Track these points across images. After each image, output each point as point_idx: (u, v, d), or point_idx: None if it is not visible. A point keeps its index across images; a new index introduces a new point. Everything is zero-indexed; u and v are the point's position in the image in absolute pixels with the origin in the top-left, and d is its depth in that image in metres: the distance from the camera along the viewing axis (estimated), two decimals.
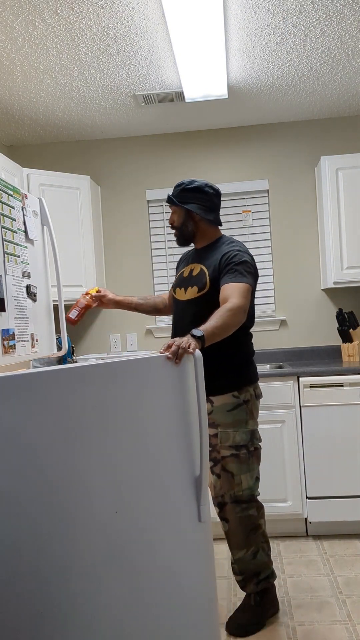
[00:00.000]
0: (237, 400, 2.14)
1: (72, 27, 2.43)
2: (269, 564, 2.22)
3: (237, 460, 2.13)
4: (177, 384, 1.55)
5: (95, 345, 3.82)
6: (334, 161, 3.35)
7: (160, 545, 1.45)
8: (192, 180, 2.22)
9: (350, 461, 2.98)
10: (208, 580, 1.62)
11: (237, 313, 1.93)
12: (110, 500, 1.34)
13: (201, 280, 2.17)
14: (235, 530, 2.16)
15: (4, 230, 2.10)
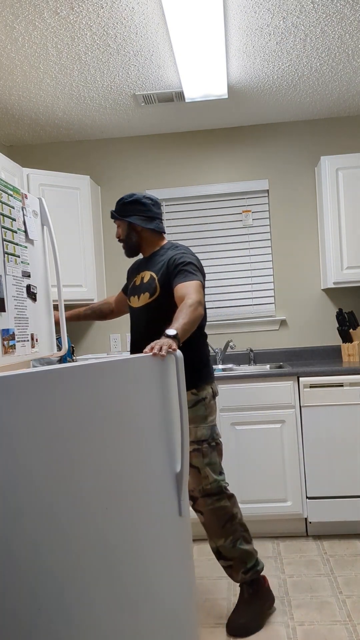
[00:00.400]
0: (196, 397, 2.24)
1: (72, 27, 2.43)
2: (252, 553, 2.27)
3: (200, 454, 2.22)
4: (160, 383, 1.61)
5: (95, 345, 3.82)
6: (334, 161, 3.35)
7: (144, 538, 1.50)
8: (132, 194, 2.34)
9: (350, 461, 2.98)
10: (188, 571, 1.69)
11: (197, 307, 2.04)
12: (101, 496, 1.38)
13: (151, 286, 2.27)
14: (211, 521, 2.23)
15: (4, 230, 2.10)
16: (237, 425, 3.06)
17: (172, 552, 1.61)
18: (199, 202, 3.78)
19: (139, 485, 1.49)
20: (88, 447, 1.35)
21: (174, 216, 3.80)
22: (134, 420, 1.49)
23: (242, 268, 3.76)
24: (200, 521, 2.26)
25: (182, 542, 1.67)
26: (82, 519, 1.32)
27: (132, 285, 2.42)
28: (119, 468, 1.42)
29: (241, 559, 2.23)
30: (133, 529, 1.45)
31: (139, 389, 1.52)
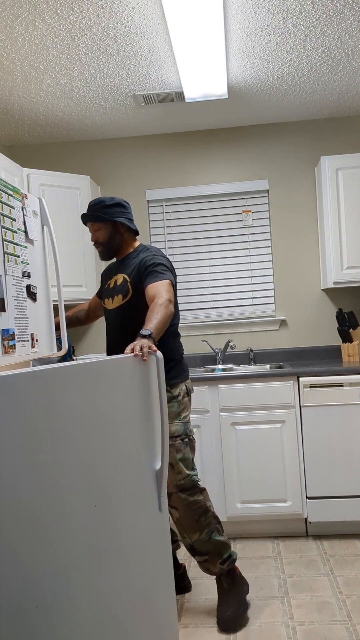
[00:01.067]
0: (169, 395, 2.29)
1: (72, 27, 2.43)
2: (227, 543, 2.31)
3: (174, 449, 2.26)
4: (141, 383, 1.66)
5: (95, 345, 3.82)
6: (334, 161, 3.35)
7: (131, 535, 1.55)
8: (110, 197, 2.37)
9: (350, 461, 2.98)
10: (166, 564, 1.75)
11: (167, 305, 2.08)
12: (90, 494, 1.40)
13: (124, 288, 2.32)
14: (185, 515, 2.26)
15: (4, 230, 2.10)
16: (237, 425, 3.06)
17: (152, 546, 1.67)
18: (199, 202, 3.78)
19: (120, 482, 1.53)
20: (70, 444, 1.37)
21: (174, 216, 3.80)
22: (116, 419, 1.53)
23: (242, 268, 3.76)
24: (174, 518, 2.30)
25: (162, 536, 1.73)
26: (67, 516, 1.34)
27: (107, 288, 2.47)
28: (101, 465, 1.46)
29: (217, 550, 2.28)
30: (115, 524, 1.49)
31: (120, 389, 1.56)
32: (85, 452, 1.40)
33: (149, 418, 1.69)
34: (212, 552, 2.28)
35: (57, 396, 1.34)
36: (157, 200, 3.81)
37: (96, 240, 2.40)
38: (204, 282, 3.78)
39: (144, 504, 1.63)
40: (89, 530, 1.38)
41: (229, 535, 3.13)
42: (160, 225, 3.81)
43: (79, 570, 1.34)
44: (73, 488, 1.35)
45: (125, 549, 1.52)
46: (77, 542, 1.34)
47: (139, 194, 3.81)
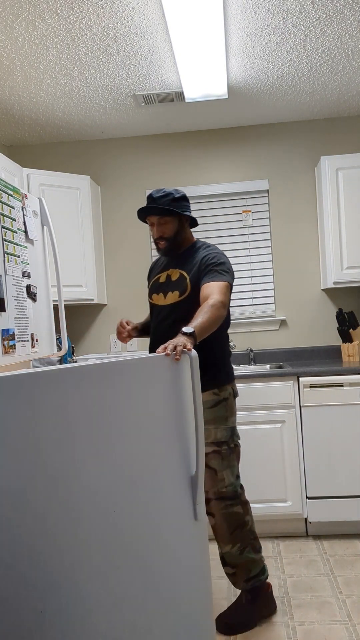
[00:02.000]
0: (217, 398, 2.19)
1: (72, 27, 2.43)
2: (259, 561, 2.24)
3: (219, 456, 2.18)
4: (173, 383, 1.56)
5: (95, 346, 3.82)
6: (334, 161, 3.35)
7: (157, 543, 1.46)
8: (174, 189, 2.26)
9: (350, 461, 2.98)
10: (203, 578, 1.64)
11: (220, 307, 1.99)
12: (109, 499, 1.35)
13: (182, 285, 2.22)
14: (221, 525, 2.20)
15: (4, 230, 2.10)
16: (237, 425, 3.06)
17: (187, 557, 1.56)
18: (199, 202, 3.78)
19: (150, 488, 1.45)
20: (96, 447, 1.32)
21: None
22: (145, 421, 1.45)
23: (242, 268, 3.76)
24: (210, 524, 2.23)
25: (198, 547, 1.62)
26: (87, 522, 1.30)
27: (156, 283, 2.34)
28: (129, 469, 1.40)
29: (246, 567, 2.21)
30: (144, 532, 1.42)
31: (151, 390, 1.48)
32: (103, 454, 1.34)
33: (183, 421, 1.58)
34: (240, 567, 2.21)
35: (76, 395, 1.30)
36: None
37: (161, 235, 2.24)
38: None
39: (176, 512, 1.53)
40: (105, 536, 1.33)
41: None
42: None
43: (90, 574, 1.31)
44: (87, 492, 1.30)
45: (152, 557, 1.44)
46: (90, 548, 1.30)
47: (139, 194, 3.81)
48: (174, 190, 2.24)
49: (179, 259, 2.30)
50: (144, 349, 3.80)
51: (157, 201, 2.21)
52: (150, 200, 2.24)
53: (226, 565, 2.23)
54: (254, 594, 2.24)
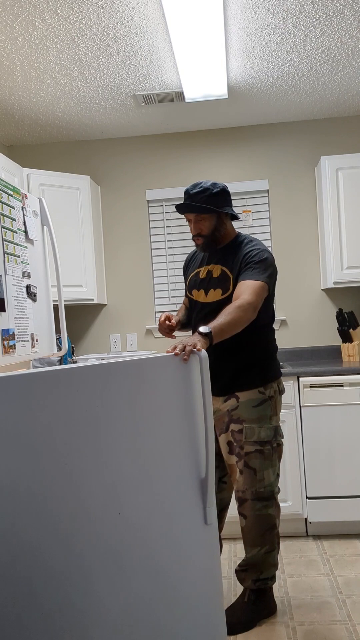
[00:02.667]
0: (262, 396, 2.15)
1: (72, 27, 2.43)
2: (274, 566, 2.23)
3: (261, 456, 2.14)
4: (182, 384, 1.53)
5: (95, 345, 3.82)
6: (334, 161, 3.35)
7: (164, 547, 1.44)
8: (212, 182, 2.15)
9: (350, 461, 2.98)
10: (214, 583, 1.60)
11: (247, 310, 1.93)
12: (113, 501, 1.33)
13: (225, 283, 2.15)
14: (252, 527, 2.17)
15: (4, 230, 2.10)
16: None
17: (197, 562, 1.54)
18: None
19: (157, 490, 1.43)
20: (99, 448, 1.31)
21: (174, 216, 3.79)
22: (152, 422, 1.43)
23: None
24: (240, 525, 2.21)
25: (209, 551, 1.59)
26: (89, 524, 1.29)
27: (195, 277, 2.27)
28: (135, 471, 1.38)
29: (260, 568, 2.20)
30: (151, 534, 1.40)
31: (159, 390, 1.46)
32: (107, 455, 1.33)
33: (192, 423, 1.56)
34: (254, 567, 2.20)
35: (79, 396, 1.29)
36: (157, 200, 3.81)
37: (199, 232, 2.16)
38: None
39: (186, 516, 1.51)
40: (109, 538, 1.32)
41: (229, 535, 3.13)
42: (160, 225, 3.81)
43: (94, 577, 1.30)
44: (90, 493, 1.29)
45: (159, 560, 1.42)
46: (93, 550, 1.29)
47: (139, 194, 3.81)
48: (212, 184, 2.14)
49: (220, 254, 2.22)
50: (144, 348, 3.80)
51: (194, 198, 2.12)
52: (186, 196, 2.15)
53: (242, 564, 2.22)
54: (258, 594, 2.24)
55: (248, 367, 2.17)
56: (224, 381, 2.19)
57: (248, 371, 2.16)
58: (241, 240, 2.21)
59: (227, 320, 1.88)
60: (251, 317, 1.95)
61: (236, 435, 2.16)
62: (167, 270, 3.80)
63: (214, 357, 2.17)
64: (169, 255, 3.80)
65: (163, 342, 3.77)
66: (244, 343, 2.16)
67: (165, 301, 3.80)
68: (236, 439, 2.16)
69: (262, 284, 2.04)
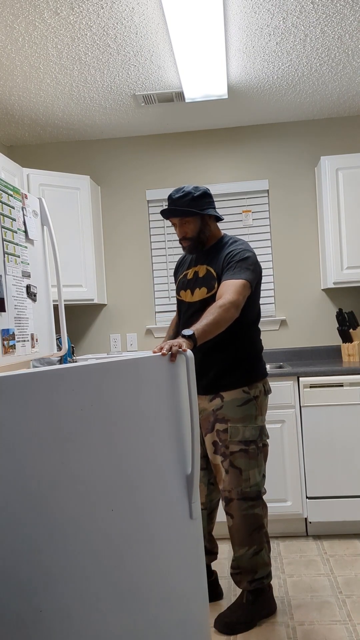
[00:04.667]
0: (247, 396, 2.17)
1: (72, 27, 2.43)
2: (267, 564, 2.23)
3: (246, 455, 2.16)
4: (169, 383, 1.59)
5: (95, 345, 3.82)
6: (334, 161, 3.35)
7: (153, 542, 1.48)
8: (193, 186, 2.21)
9: (350, 461, 2.98)
10: (199, 577, 1.65)
11: (229, 309, 1.96)
12: (107, 498, 1.36)
13: (209, 282, 2.20)
14: (239, 527, 2.18)
15: (4, 230, 2.10)
16: None
17: (183, 555, 1.58)
18: None
19: (146, 487, 1.47)
20: (90, 447, 1.34)
21: None
22: (141, 420, 1.47)
23: None
24: (228, 525, 2.22)
25: (194, 545, 1.64)
26: (84, 521, 1.31)
27: (183, 279, 2.33)
28: (126, 468, 1.41)
29: (253, 569, 2.20)
30: (140, 531, 1.43)
31: (147, 389, 1.50)
32: (100, 454, 1.36)
33: (179, 421, 1.61)
34: (247, 569, 2.20)
35: (73, 395, 1.31)
36: (157, 200, 3.81)
37: (184, 235, 2.23)
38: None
39: (171, 511, 1.55)
40: (102, 536, 1.34)
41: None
42: (160, 225, 3.81)
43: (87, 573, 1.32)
44: (84, 491, 1.31)
45: (147, 556, 1.46)
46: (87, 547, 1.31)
47: (139, 194, 3.81)
48: (194, 188, 2.20)
49: (205, 255, 2.28)
50: (144, 348, 3.80)
51: (177, 202, 2.19)
52: (170, 201, 2.22)
53: (233, 565, 2.22)
54: (256, 594, 2.24)
55: (233, 366, 2.19)
56: (209, 380, 2.22)
57: (232, 370, 2.18)
58: (226, 241, 2.26)
59: (210, 321, 1.91)
60: (234, 315, 1.97)
61: (221, 434, 2.18)
62: (167, 270, 3.80)
63: (199, 356, 2.23)
64: (169, 255, 3.80)
65: None
66: (229, 342, 2.18)
67: (165, 301, 3.80)
68: (221, 438, 2.18)
69: (243, 282, 2.06)
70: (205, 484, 2.33)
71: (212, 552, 2.42)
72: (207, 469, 2.32)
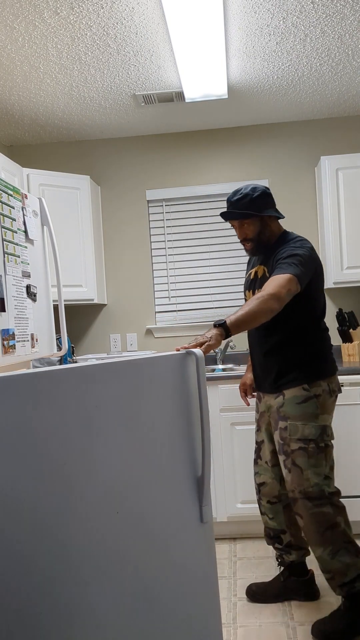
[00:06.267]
0: (307, 394, 2.13)
1: (72, 27, 2.43)
2: (353, 566, 2.08)
3: (305, 454, 2.11)
4: (179, 383, 1.54)
5: (95, 345, 3.82)
6: (334, 161, 3.35)
7: (161, 546, 1.44)
8: (252, 187, 2.18)
9: (350, 461, 2.98)
10: (210, 582, 1.61)
11: (267, 300, 1.90)
12: (112, 500, 1.34)
13: None
14: (309, 526, 2.11)
15: (4, 230, 2.10)
16: (237, 425, 3.06)
17: (193, 560, 1.53)
18: (199, 202, 3.78)
19: (154, 489, 1.44)
20: (97, 448, 1.32)
21: (174, 216, 3.80)
22: (148, 421, 1.44)
23: (242, 268, 3.76)
24: (299, 525, 2.17)
25: (205, 549, 1.59)
26: (89, 523, 1.30)
27: (248, 278, 2.33)
28: (132, 470, 1.39)
29: (341, 571, 2.07)
30: (148, 533, 1.41)
31: (154, 390, 1.47)
32: (105, 455, 1.34)
33: (190, 421, 1.56)
34: (337, 572, 2.07)
35: (77, 396, 1.29)
36: (157, 200, 3.81)
37: (245, 237, 2.21)
38: (204, 282, 3.78)
39: (182, 514, 1.50)
40: (107, 538, 1.32)
41: (229, 535, 3.13)
42: (160, 225, 3.81)
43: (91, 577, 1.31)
44: (88, 493, 1.29)
45: (155, 561, 1.42)
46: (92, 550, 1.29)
47: (139, 194, 3.81)
48: (251, 189, 2.18)
49: (267, 254, 2.25)
50: (144, 348, 3.80)
51: (235, 205, 2.18)
52: (228, 204, 2.21)
53: (323, 571, 2.12)
54: (353, 601, 2.09)
55: (292, 364, 2.17)
56: (272, 378, 2.21)
57: (292, 368, 2.16)
58: (283, 240, 2.21)
59: (245, 311, 1.87)
60: (273, 307, 1.91)
61: (282, 432, 2.16)
62: (167, 270, 3.80)
63: (262, 356, 2.25)
64: (169, 255, 3.80)
65: (163, 342, 3.77)
66: (288, 341, 2.18)
67: (165, 301, 3.80)
68: (282, 436, 2.16)
69: (288, 277, 1.99)
70: (278, 480, 2.32)
71: (300, 547, 2.37)
72: (278, 465, 2.31)
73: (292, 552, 2.38)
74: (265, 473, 2.35)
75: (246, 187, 2.20)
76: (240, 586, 2.56)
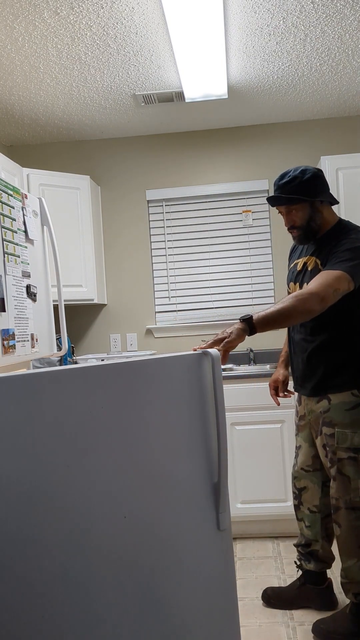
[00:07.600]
0: (357, 399, 1.99)
1: (72, 27, 2.43)
2: None
3: (355, 464, 1.98)
4: (194, 385, 1.49)
5: (95, 345, 3.82)
6: (334, 161, 3.35)
7: (174, 553, 1.41)
8: (302, 169, 1.98)
9: None
10: (228, 591, 1.55)
11: (306, 300, 1.74)
12: (119, 504, 1.31)
13: None
14: (347, 537, 2.01)
15: (4, 230, 2.10)
16: (237, 425, 3.06)
17: (209, 568, 1.48)
18: (199, 202, 3.78)
19: (166, 494, 1.40)
20: (102, 450, 1.29)
21: (174, 216, 3.80)
22: (159, 424, 1.40)
23: (242, 268, 3.76)
24: (335, 533, 2.07)
25: (222, 558, 1.53)
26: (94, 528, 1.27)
27: (293, 269, 2.13)
28: (142, 473, 1.36)
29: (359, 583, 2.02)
30: (158, 540, 1.37)
31: (166, 392, 1.42)
32: (112, 458, 1.30)
33: (205, 425, 1.50)
34: (355, 580, 2.02)
35: (83, 397, 1.27)
36: (157, 200, 3.81)
37: (292, 224, 2.01)
38: (204, 282, 3.78)
39: (196, 521, 1.45)
40: (114, 542, 1.28)
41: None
42: (160, 225, 3.81)
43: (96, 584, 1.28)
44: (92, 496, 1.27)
45: (170, 569, 1.38)
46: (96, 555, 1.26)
47: (139, 194, 3.81)
48: (301, 171, 1.97)
49: (317, 245, 2.05)
50: (144, 348, 3.80)
51: (282, 189, 1.98)
52: (275, 187, 2.01)
53: (342, 575, 2.08)
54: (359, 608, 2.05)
55: (341, 367, 2.01)
56: (316, 381, 2.06)
57: (342, 371, 2.01)
58: (341, 229, 2.01)
59: (277, 309, 1.72)
60: (312, 307, 1.74)
61: (328, 439, 2.03)
62: (167, 270, 3.80)
63: (305, 356, 2.08)
64: (169, 255, 3.80)
65: (163, 342, 3.77)
66: (337, 341, 2.01)
67: (165, 301, 3.80)
68: (328, 443, 2.03)
69: (339, 274, 1.81)
70: (319, 485, 2.19)
71: (324, 561, 2.25)
72: (321, 470, 2.17)
73: (313, 562, 2.26)
74: (305, 478, 2.22)
75: (295, 169, 1.99)
76: (241, 586, 2.56)
